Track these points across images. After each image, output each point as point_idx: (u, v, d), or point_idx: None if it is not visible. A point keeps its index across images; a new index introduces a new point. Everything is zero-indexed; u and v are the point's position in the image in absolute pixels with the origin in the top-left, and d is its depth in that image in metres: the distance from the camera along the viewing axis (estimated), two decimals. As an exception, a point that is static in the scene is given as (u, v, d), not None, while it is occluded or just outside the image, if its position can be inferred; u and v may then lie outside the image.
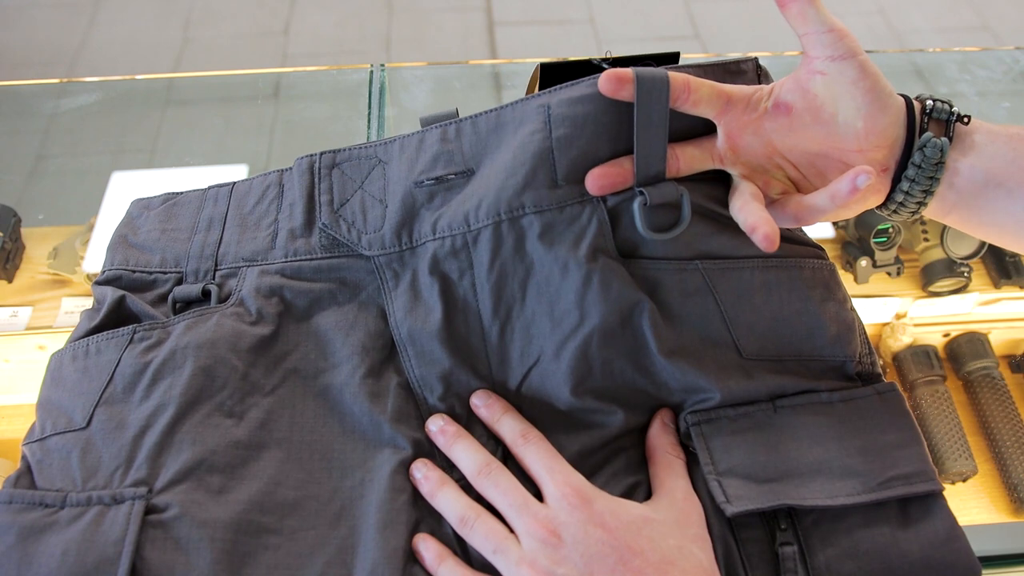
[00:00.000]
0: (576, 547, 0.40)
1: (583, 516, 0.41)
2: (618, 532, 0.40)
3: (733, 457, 0.44)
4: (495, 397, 0.47)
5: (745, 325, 0.47)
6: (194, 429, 0.45)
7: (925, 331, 0.90)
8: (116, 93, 0.93)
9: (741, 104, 0.46)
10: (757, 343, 0.48)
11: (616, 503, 0.42)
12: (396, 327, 0.49)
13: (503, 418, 0.46)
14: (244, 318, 0.49)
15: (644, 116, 0.45)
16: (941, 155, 0.44)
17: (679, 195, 0.46)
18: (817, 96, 0.45)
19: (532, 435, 0.45)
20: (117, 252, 0.54)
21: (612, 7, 2.25)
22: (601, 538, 0.40)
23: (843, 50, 0.44)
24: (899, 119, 0.45)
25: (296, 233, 0.51)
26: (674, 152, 0.47)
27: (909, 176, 0.45)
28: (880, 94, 0.45)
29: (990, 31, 2.23)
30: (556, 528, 0.41)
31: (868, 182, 0.42)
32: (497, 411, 0.46)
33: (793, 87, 0.46)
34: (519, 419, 0.46)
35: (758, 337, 0.48)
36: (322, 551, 0.43)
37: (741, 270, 0.48)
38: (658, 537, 0.40)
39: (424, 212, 0.50)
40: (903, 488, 0.43)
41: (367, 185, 0.52)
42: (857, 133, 0.45)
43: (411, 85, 0.88)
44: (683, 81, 0.45)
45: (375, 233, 0.50)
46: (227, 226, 0.53)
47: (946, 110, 0.45)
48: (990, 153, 0.45)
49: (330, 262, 0.51)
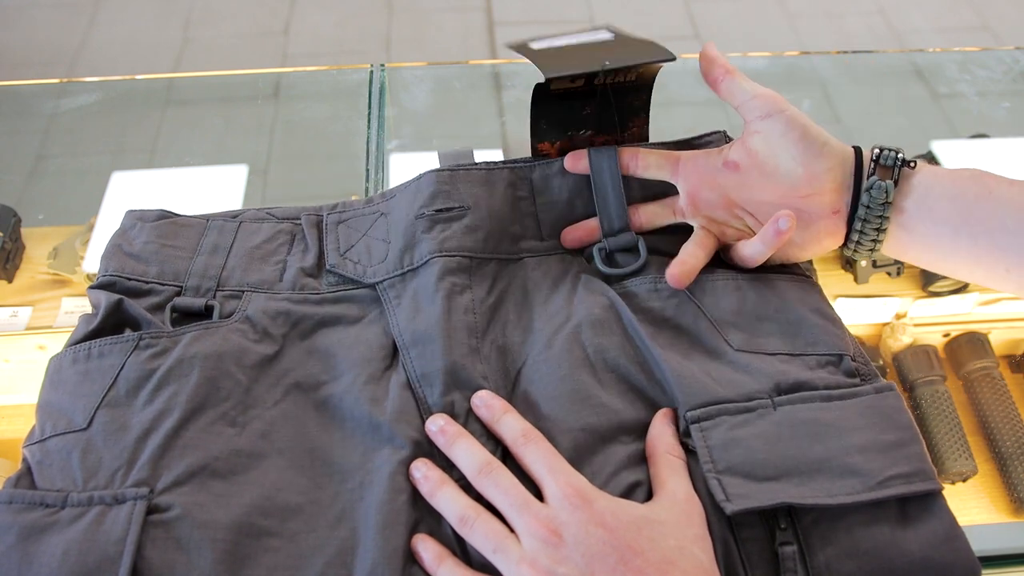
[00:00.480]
0: (577, 547, 0.40)
1: (584, 516, 0.41)
2: (619, 532, 0.40)
3: (733, 455, 0.44)
4: (495, 397, 0.47)
5: (728, 323, 0.51)
6: (197, 435, 0.46)
7: (925, 331, 0.90)
8: (116, 93, 0.93)
9: (691, 164, 0.54)
10: (742, 336, 0.50)
11: (616, 503, 0.42)
12: (399, 334, 0.50)
13: (503, 418, 0.46)
14: (249, 335, 0.50)
15: (600, 184, 0.56)
16: (886, 196, 0.49)
17: (636, 241, 0.55)
18: (758, 152, 0.52)
19: (532, 435, 0.45)
20: (112, 260, 0.54)
21: (612, 7, 2.25)
22: (602, 537, 0.40)
23: (769, 109, 0.51)
24: (839, 163, 0.50)
25: (305, 272, 0.54)
26: (636, 210, 0.56)
27: (860, 216, 0.50)
28: (811, 142, 0.50)
29: (990, 31, 2.24)
30: (557, 527, 0.41)
31: (789, 224, 0.49)
32: (497, 411, 0.47)
33: (739, 147, 0.53)
34: (519, 419, 0.46)
35: (742, 331, 0.50)
36: (322, 552, 0.43)
37: (714, 283, 0.53)
38: (659, 537, 0.40)
39: (425, 237, 0.53)
40: (903, 487, 0.43)
41: (371, 232, 0.56)
42: (799, 179, 0.51)
43: (411, 85, 0.88)
44: (631, 153, 0.56)
45: (380, 264, 0.54)
46: (232, 254, 0.55)
47: (892, 156, 0.50)
48: (936, 193, 0.49)
49: (336, 294, 0.53)
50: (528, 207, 0.57)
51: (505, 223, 0.55)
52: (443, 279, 0.51)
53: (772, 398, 0.46)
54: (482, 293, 0.52)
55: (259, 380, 0.49)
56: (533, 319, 0.52)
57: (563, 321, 0.51)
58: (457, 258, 0.52)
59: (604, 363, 0.48)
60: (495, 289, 0.53)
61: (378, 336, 0.51)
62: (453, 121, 0.84)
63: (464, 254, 0.53)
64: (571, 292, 0.52)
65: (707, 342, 0.50)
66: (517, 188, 0.57)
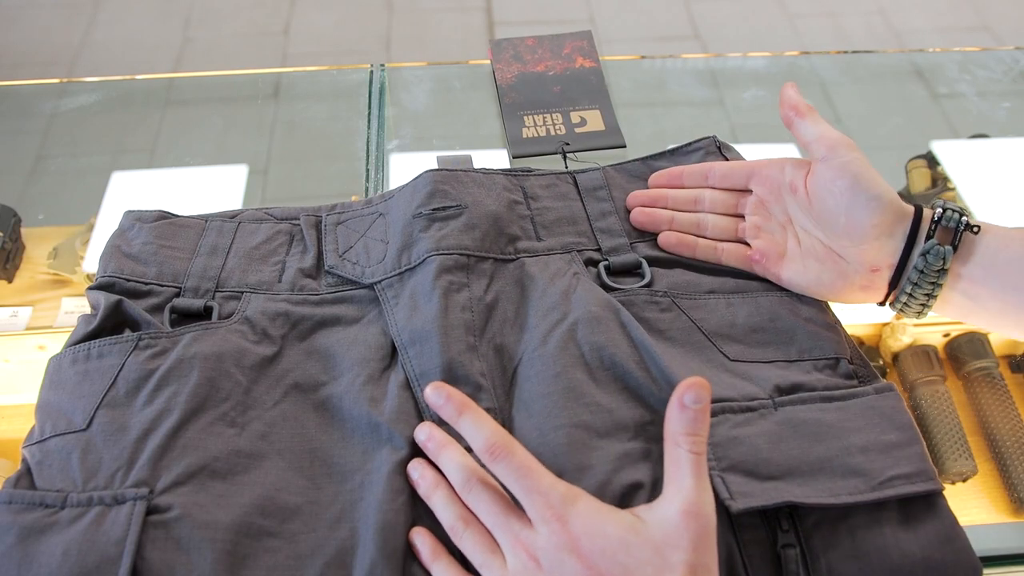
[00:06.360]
0: (551, 573, 0.39)
1: (558, 541, 0.39)
2: (592, 559, 0.39)
3: (736, 453, 0.44)
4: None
5: (722, 336, 0.51)
6: (197, 435, 0.46)
7: (925, 331, 0.90)
8: (116, 93, 0.93)
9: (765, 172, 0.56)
10: (738, 348, 0.50)
11: (597, 522, 0.40)
12: (398, 334, 0.50)
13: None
14: (248, 337, 0.50)
15: (594, 209, 0.59)
16: (943, 263, 0.47)
17: (639, 260, 0.55)
18: (810, 191, 0.52)
19: (498, 451, 0.42)
20: (111, 261, 0.54)
21: (612, 7, 2.25)
22: (574, 566, 0.39)
23: (826, 153, 0.51)
24: (892, 220, 0.49)
25: (303, 273, 0.54)
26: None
27: (911, 279, 0.49)
28: (859, 193, 0.49)
29: (990, 31, 2.23)
30: (535, 553, 0.40)
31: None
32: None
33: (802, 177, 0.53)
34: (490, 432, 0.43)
35: (737, 343, 0.50)
36: (322, 553, 0.43)
37: (706, 301, 0.53)
38: (633, 565, 0.38)
39: (422, 236, 0.54)
40: (904, 487, 0.43)
41: (370, 233, 0.56)
42: (840, 227, 0.50)
43: (411, 85, 0.88)
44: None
45: (378, 264, 0.54)
46: (231, 255, 0.55)
47: (955, 219, 0.48)
48: (1005, 258, 0.47)
49: (335, 294, 0.53)
50: (524, 211, 0.58)
51: (502, 223, 0.55)
52: (440, 277, 0.51)
53: (773, 399, 0.46)
54: (479, 291, 0.52)
55: (258, 381, 0.49)
56: (528, 317, 0.52)
57: (559, 318, 0.51)
58: (454, 256, 0.52)
59: (600, 361, 0.48)
60: (492, 288, 0.53)
61: (377, 336, 0.51)
62: (453, 121, 0.84)
63: (461, 252, 0.53)
64: (568, 290, 0.52)
65: (703, 354, 0.50)
66: (512, 192, 0.58)
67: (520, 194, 0.59)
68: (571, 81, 0.82)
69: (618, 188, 0.60)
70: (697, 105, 0.89)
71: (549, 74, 0.83)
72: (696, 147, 0.62)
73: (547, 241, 0.56)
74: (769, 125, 0.88)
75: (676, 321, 0.51)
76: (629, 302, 0.52)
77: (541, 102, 0.79)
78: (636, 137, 0.76)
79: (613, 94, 0.80)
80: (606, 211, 0.58)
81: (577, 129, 0.75)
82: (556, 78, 0.82)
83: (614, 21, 2.22)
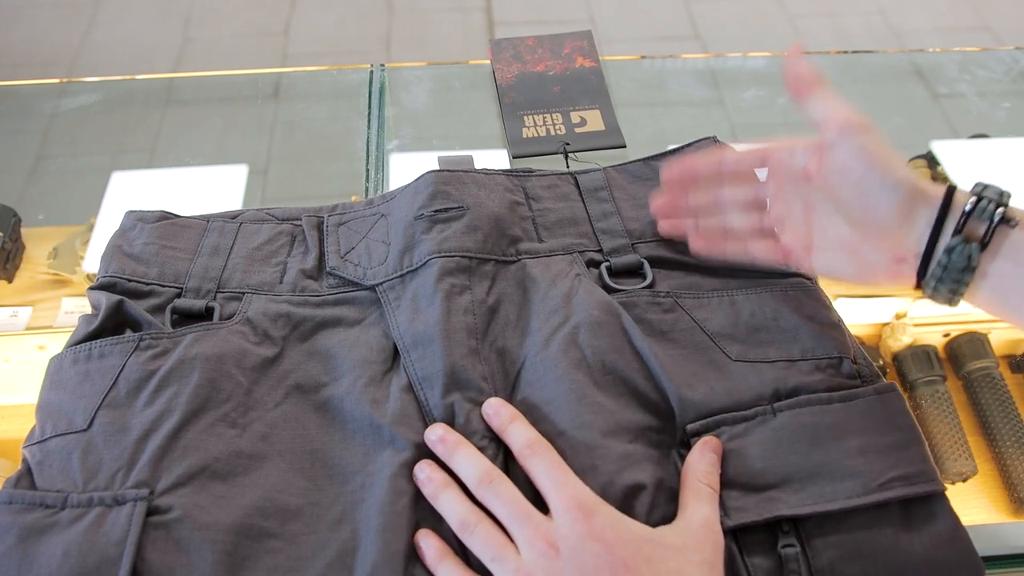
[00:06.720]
0: (572, 559, 0.40)
1: (583, 529, 0.41)
2: (616, 547, 0.40)
3: (732, 468, 0.44)
4: (505, 405, 0.47)
5: (725, 336, 0.50)
6: (198, 436, 0.45)
7: (925, 331, 0.89)
8: (116, 93, 0.93)
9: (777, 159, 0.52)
10: (740, 347, 0.50)
11: (618, 519, 0.42)
12: (400, 337, 0.50)
13: (511, 426, 0.46)
14: (249, 338, 0.50)
15: (595, 210, 0.58)
16: (968, 262, 0.43)
17: (641, 261, 0.55)
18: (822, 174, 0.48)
19: (538, 446, 0.45)
20: (112, 261, 0.54)
21: (612, 7, 2.25)
22: (598, 552, 0.40)
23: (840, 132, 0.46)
24: (914, 205, 0.44)
25: (305, 274, 0.54)
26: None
27: (936, 275, 0.44)
28: (874, 183, 0.45)
29: (990, 31, 2.23)
30: (555, 540, 0.41)
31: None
32: (505, 419, 0.46)
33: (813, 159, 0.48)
34: (526, 428, 0.46)
35: (740, 343, 0.50)
36: (323, 554, 0.43)
37: (708, 299, 0.53)
38: (657, 559, 0.40)
39: (424, 238, 0.53)
40: (904, 489, 0.43)
41: (371, 234, 0.56)
42: (858, 219, 0.46)
43: (411, 85, 0.88)
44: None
45: (379, 266, 0.54)
46: (232, 256, 0.55)
47: (990, 212, 0.42)
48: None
49: (336, 296, 0.53)
50: (525, 212, 0.58)
51: (503, 225, 0.55)
52: (442, 280, 0.51)
53: (772, 404, 0.46)
54: (481, 294, 0.52)
55: (260, 382, 0.49)
56: (531, 320, 0.52)
57: (561, 321, 0.50)
58: (456, 258, 0.52)
59: (602, 365, 0.48)
60: (494, 290, 0.53)
61: (378, 338, 0.51)
62: (453, 121, 0.84)
63: (463, 254, 0.53)
64: (570, 292, 0.52)
65: (705, 355, 0.50)
66: (513, 194, 0.58)
67: (522, 195, 0.58)
68: (571, 81, 0.82)
69: (619, 189, 0.60)
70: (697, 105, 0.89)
71: (549, 74, 0.83)
72: (696, 147, 0.61)
73: (549, 242, 0.56)
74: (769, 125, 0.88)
75: (679, 322, 0.51)
76: (631, 303, 0.52)
77: (541, 102, 0.79)
78: (636, 137, 0.76)
79: (613, 94, 0.80)
80: (607, 212, 0.58)
81: (577, 129, 0.75)
82: (556, 78, 0.82)
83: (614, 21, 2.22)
